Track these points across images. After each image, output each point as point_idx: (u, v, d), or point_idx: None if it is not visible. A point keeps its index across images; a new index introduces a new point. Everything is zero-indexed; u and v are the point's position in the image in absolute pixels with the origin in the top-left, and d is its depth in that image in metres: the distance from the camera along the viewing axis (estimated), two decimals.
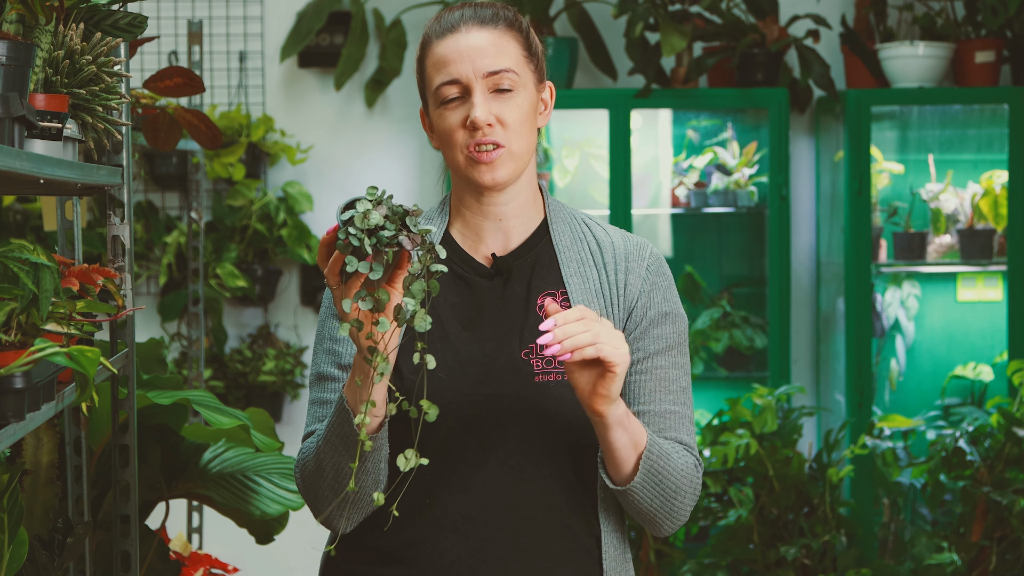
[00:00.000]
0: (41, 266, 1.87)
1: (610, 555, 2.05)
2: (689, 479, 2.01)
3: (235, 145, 5.06)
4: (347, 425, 1.91)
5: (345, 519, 1.99)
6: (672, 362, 2.06)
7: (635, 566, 4.56)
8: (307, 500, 2.03)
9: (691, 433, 2.06)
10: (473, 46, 2.01)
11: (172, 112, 2.89)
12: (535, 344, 2.01)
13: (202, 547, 4.40)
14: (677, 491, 1.99)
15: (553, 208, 2.12)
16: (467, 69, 2.00)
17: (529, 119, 2.03)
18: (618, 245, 2.10)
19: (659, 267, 2.10)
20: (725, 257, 5.36)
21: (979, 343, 5.19)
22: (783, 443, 4.53)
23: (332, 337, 2.07)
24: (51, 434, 2.63)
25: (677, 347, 2.07)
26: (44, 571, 2.34)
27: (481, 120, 1.98)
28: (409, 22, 5.17)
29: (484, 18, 2.04)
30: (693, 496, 2.02)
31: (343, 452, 1.94)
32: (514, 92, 2.01)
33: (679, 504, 2.01)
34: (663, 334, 2.06)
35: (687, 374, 2.09)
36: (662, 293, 2.08)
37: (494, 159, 2.00)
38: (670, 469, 1.97)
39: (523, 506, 2.00)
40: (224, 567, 3.26)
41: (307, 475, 2.01)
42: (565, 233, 2.10)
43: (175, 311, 5.11)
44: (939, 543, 4.54)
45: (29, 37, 1.97)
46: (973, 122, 5.25)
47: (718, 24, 4.99)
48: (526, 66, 2.04)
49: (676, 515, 2.02)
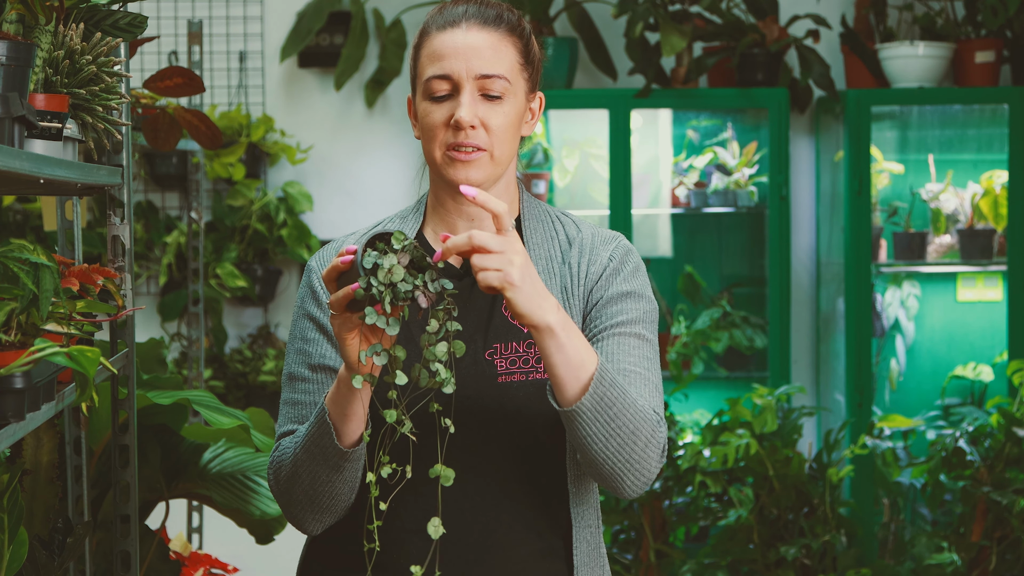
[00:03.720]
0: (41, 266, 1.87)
1: (581, 552, 2.03)
2: (648, 424, 1.89)
3: (235, 145, 5.07)
4: (327, 438, 1.90)
5: (317, 522, 2.00)
6: (635, 332, 1.99)
7: (635, 566, 4.57)
8: (279, 500, 2.03)
9: (655, 396, 1.97)
10: (471, 45, 1.99)
11: (172, 112, 2.89)
12: (499, 344, 1.99)
13: (202, 547, 4.40)
14: (634, 433, 1.87)
15: (528, 206, 2.10)
16: (460, 67, 1.98)
17: (514, 127, 2.01)
18: (586, 239, 2.07)
19: (625, 255, 2.06)
20: (725, 257, 5.36)
21: (979, 343, 5.20)
22: (783, 443, 4.52)
23: (303, 337, 2.05)
24: (51, 434, 2.63)
25: (641, 322, 2.01)
26: (44, 571, 2.34)
27: (465, 121, 1.96)
28: (409, 22, 5.17)
29: (487, 18, 2.02)
30: (655, 448, 1.91)
31: (321, 463, 1.93)
32: (503, 99, 1.99)
33: (637, 451, 1.89)
34: (624, 309, 2.01)
35: (654, 350, 2.01)
36: (624, 276, 2.03)
37: (472, 159, 1.98)
38: (624, 404, 1.86)
39: (487, 508, 1.97)
40: (224, 567, 3.26)
41: (282, 478, 2.00)
42: (537, 231, 2.08)
43: (175, 311, 5.11)
44: (939, 543, 4.54)
45: (29, 37, 1.97)
46: (973, 122, 5.25)
47: (718, 24, 4.99)
48: (520, 74, 2.02)
49: (637, 465, 1.89)
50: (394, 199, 5.26)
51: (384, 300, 1.75)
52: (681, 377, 4.88)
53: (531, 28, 2.10)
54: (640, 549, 4.56)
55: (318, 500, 1.97)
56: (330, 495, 1.97)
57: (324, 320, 2.04)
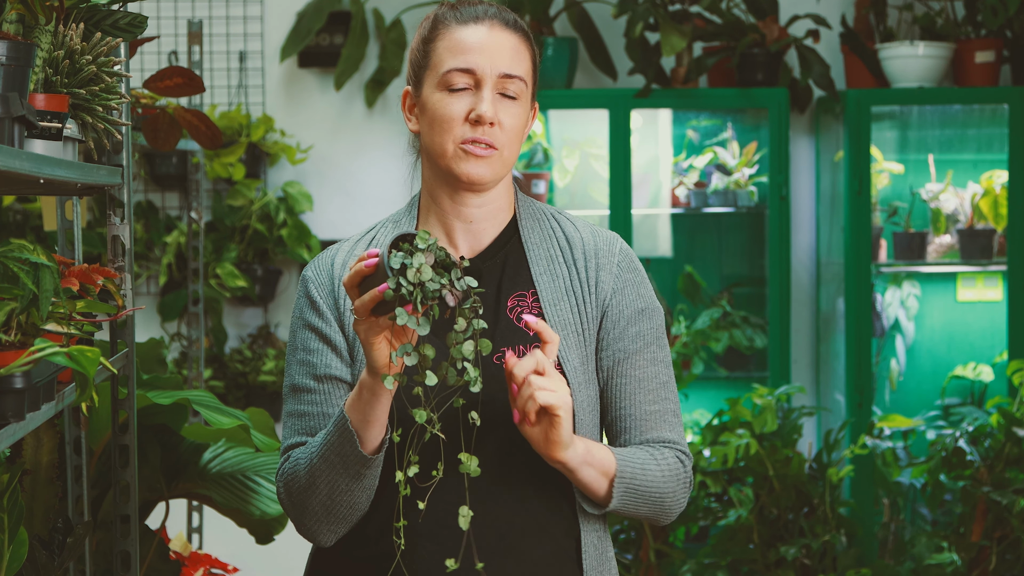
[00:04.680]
0: (41, 266, 1.87)
1: (590, 555, 2.04)
2: (674, 479, 2.02)
3: (235, 145, 5.07)
4: (349, 445, 1.89)
5: (331, 533, 1.99)
6: (650, 358, 2.05)
7: (635, 566, 4.57)
8: (291, 513, 2.01)
9: (674, 426, 2.06)
10: (497, 43, 2.00)
11: (172, 112, 2.89)
12: (506, 347, 1.99)
13: (202, 547, 4.40)
14: (662, 495, 2.01)
15: (523, 205, 2.10)
16: (486, 63, 1.99)
17: (522, 130, 2.04)
18: (587, 241, 2.07)
19: (630, 263, 2.08)
20: (725, 257, 5.36)
21: (979, 343, 5.20)
22: (783, 443, 4.52)
23: (305, 348, 2.04)
24: (51, 434, 2.63)
25: (655, 342, 2.07)
26: (44, 571, 2.34)
27: (488, 116, 1.97)
28: (409, 22, 5.17)
29: (508, 21, 2.04)
30: (684, 491, 2.04)
31: (341, 471, 1.92)
32: (518, 101, 2.01)
33: (668, 503, 2.02)
34: (641, 332, 2.05)
35: (668, 367, 2.08)
36: (635, 289, 2.06)
37: (485, 156, 1.99)
38: (649, 481, 1.99)
39: (499, 511, 1.97)
40: (224, 567, 3.25)
41: (296, 490, 1.97)
42: (534, 230, 2.08)
43: (175, 311, 5.11)
44: (939, 543, 4.54)
45: (29, 37, 1.97)
46: (973, 122, 5.25)
47: (718, 24, 4.99)
48: (531, 80, 2.05)
49: (668, 511, 2.04)
50: (394, 199, 5.26)
51: (415, 299, 1.75)
52: (681, 377, 4.88)
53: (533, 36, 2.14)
54: (640, 549, 4.56)
55: (335, 510, 1.96)
56: (348, 504, 1.95)
57: (327, 330, 2.03)
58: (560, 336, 2.00)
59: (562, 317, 2.02)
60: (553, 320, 2.02)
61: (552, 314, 2.02)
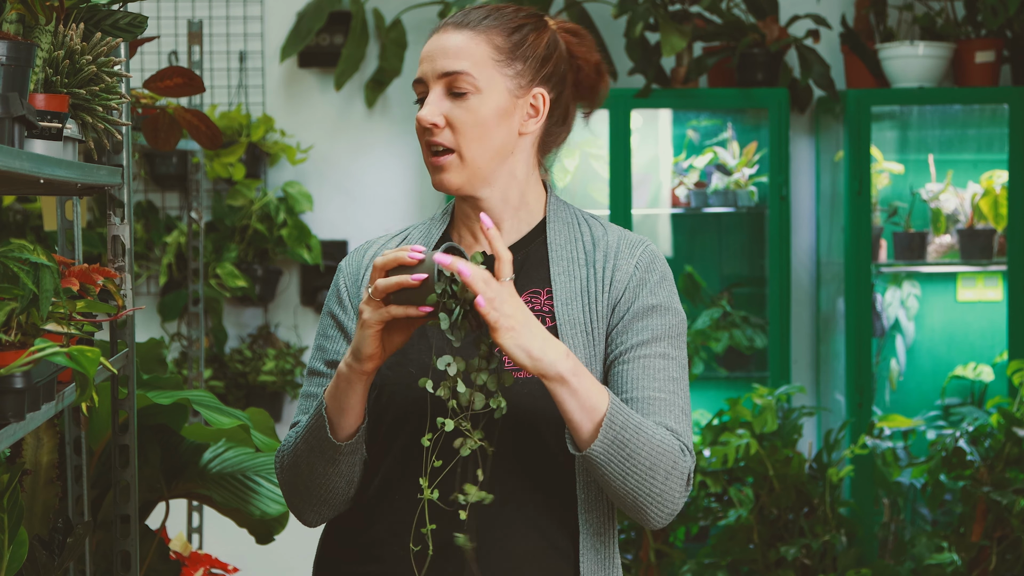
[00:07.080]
0: (41, 266, 1.87)
1: (588, 560, 2.00)
2: (668, 457, 1.90)
3: (235, 145, 5.07)
4: (322, 431, 1.95)
5: (315, 513, 2.05)
6: (659, 352, 1.98)
7: (635, 566, 4.57)
8: (282, 488, 2.08)
9: (680, 421, 1.96)
10: (438, 47, 2.00)
11: (172, 112, 2.89)
12: None
13: (202, 547, 4.39)
14: (652, 468, 1.88)
15: (554, 207, 2.08)
16: (428, 69, 2.00)
17: (488, 124, 1.97)
18: (611, 242, 2.05)
19: (650, 263, 2.03)
20: (725, 257, 5.36)
21: (979, 343, 5.20)
22: (783, 443, 4.53)
23: (324, 334, 2.10)
24: (51, 434, 2.63)
25: (666, 339, 1.99)
26: (44, 571, 2.34)
27: (424, 119, 1.97)
28: (409, 22, 5.17)
29: (466, 21, 2.01)
30: (679, 482, 1.92)
31: (318, 454, 1.98)
32: (468, 96, 1.97)
33: (658, 484, 1.90)
34: (648, 326, 1.99)
35: (680, 367, 2.00)
36: (650, 288, 2.01)
37: (443, 163, 1.99)
38: (640, 441, 1.88)
39: (488, 503, 1.94)
40: (224, 567, 3.25)
41: (284, 467, 2.05)
42: (561, 232, 2.06)
43: (175, 311, 5.11)
44: (939, 543, 4.54)
45: (29, 37, 1.97)
46: (973, 122, 5.25)
47: (718, 24, 4.99)
48: (495, 69, 1.98)
49: (658, 498, 1.91)
50: (394, 199, 5.26)
51: (456, 311, 1.80)
52: None
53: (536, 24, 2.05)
54: (640, 549, 4.56)
55: (315, 491, 2.01)
56: (326, 487, 2.01)
57: (343, 319, 2.08)
58: (568, 334, 2.00)
59: (572, 315, 2.01)
60: (563, 318, 2.01)
61: (563, 312, 2.01)
